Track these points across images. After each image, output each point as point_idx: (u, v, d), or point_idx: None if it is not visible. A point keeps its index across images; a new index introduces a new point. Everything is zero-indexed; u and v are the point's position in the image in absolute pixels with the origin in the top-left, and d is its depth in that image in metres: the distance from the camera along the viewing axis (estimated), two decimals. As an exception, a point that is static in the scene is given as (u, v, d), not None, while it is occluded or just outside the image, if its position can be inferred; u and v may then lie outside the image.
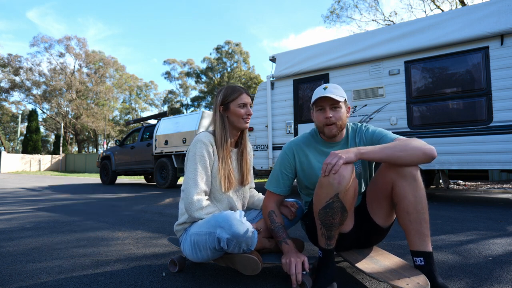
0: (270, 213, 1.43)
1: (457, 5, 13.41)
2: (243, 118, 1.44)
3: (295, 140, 1.52)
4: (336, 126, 1.37)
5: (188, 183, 1.34)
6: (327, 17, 17.40)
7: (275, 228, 1.39)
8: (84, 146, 39.15)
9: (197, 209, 1.31)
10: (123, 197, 5.20)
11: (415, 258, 1.15)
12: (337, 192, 1.12)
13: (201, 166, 1.36)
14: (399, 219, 1.20)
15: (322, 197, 1.16)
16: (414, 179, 1.15)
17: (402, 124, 4.31)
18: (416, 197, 1.14)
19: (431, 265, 1.13)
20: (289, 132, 5.29)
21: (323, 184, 1.15)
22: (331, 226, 1.18)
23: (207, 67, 35.11)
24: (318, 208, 1.19)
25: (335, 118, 1.35)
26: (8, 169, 22.91)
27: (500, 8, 3.72)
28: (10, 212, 3.53)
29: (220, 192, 1.43)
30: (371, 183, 1.36)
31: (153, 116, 8.61)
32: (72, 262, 1.67)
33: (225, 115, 1.46)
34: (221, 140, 1.42)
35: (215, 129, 1.46)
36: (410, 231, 1.16)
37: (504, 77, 3.69)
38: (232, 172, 1.44)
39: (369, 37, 4.65)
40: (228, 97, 1.44)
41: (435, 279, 1.11)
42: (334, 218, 1.16)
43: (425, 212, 1.15)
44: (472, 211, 3.38)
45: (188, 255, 1.35)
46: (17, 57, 29.40)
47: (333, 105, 1.36)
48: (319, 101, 1.38)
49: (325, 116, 1.36)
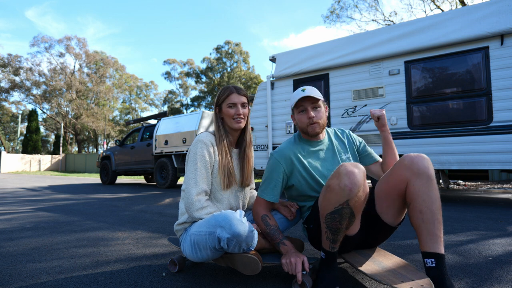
0: (264, 217, 1.41)
1: (457, 5, 13.41)
2: (234, 119, 1.43)
3: (283, 147, 1.50)
4: (319, 124, 1.45)
5: (189, 183, 1.34)
6: (327, 17, 17.43)
7: (270, 231, 1.38)
8: (84, 146, 39.14)
9: (197, 209, 1.31)
10: (123, 197, 5.20)
11: (426, 260, 1.11)
12: (348, 199, 1.09)
13: (201, 166, 1.36)
14: (412, 219, 1.17)
15: (331, 202, 1.13)
16: (430, 178, 1.14)
17: (402, 124, 4.31)
18: (431, 196, 1.13)
19: (442, 267, 1.08)
20: (289, 132, 5.29)
21: (333, 189, 1.12)
22: (338, 231, 1.16)
23: (207, 67, 35.12)
24: (325, 212, 1.16)
25: (317, 117, 1.44)
26: (8, 169, 22.91)
27: (500, 8, 3.72)
28: (10, 212, 3.53)
29: (220, 191, 1.43)
30: (382, 182, 1.33)
31: (153, 116, 8.61)
32: (72, 262, 1.67)
33: (219, 116, 1.49)
34: (219, 140, 1.44)
35: (214, 129, 1.49)
36: (422, 231, 1.13)
37: (504, 77, 3.70)
38: (232, 170, 1.44)
39: (369, 37, 4.65)
40: (220, 98, 1.47)
41: (444, 283, 1.06)
42: (341, 223, 1.14)
43: (439, 213, 1.13)
44: (472, 211, 3.38)
45: (188, 255, 1.35)
46: (17, 57, 29.41)
47: (313, 105, 1.44)
48: (300, 102, 1.45)
49: (308, 116, 1.43)
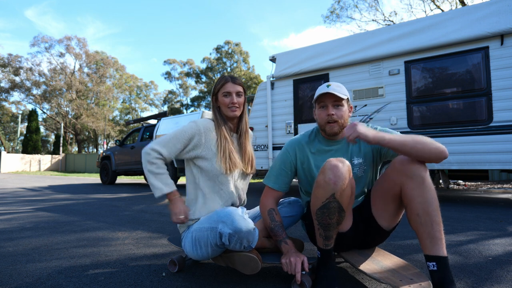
0: (270, 211, 1.41)
1: (457, 5, 13.41)
2: (229, 107, 1.45)
3: (297, 138, 1.51)
4: (338, 124, 1.36)
5: (158, 140, 1.37)
6: (327, 17, 17.44)
7: (274, 227, 1.37)
8: (84, 146, 39.13)
9: (148, 161, 1.32)
10: (123, 197, 5.20)
11: (428, 263, 1.10)
12: (333, 192, 1.11)
13: (175, 137, 1.37)
14: (410, 222, 1.17)
15: (318, 197, 1.16)
16: (423, 180, 1.13)
17: (402, 124, 4.31)
18: (426, 198, 1.11)
19: (445, 271, 1.06)
20: (289, 132, 5.29)
21: (320, 184, 1.14)
22: (329, 226, 1.17)
23: (207, 67, 35.12)
24: (315, 208, 1.18)
25: (337, 116, 1.35)
26: (8, 169, 22.90)
27: (500, 8, 3.72)
28: (10, 212, 3.53)
29: (223, 174, 1.41)
30: (377, 184, 1.33)
31: (153, 116, 8.61)
32: (72, 262, 1.67)
33: (216, 105, 1.51)
34: (218, 126, 1.47)
35: (213, 118, 1.52)
36: (422, 234, 1.12)
37: (504, 77, 3.69)
38: (233, 154, 1.44)
39: (369, 37, 4.65)
40: (216, 87, 1.49)
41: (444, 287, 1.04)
42: (331, 218, 1.15)
43: (436, 214, 1.11)
44: (472, 211, 3.38)
45: (188, 252, 1.35)
46: (18, 57, 29.40)
47: (335, 102, 1.36)
48: (322, 98, 1.38)
49: (327, 113, 1.36)
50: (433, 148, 1.14)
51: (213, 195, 1.42)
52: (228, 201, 1.45)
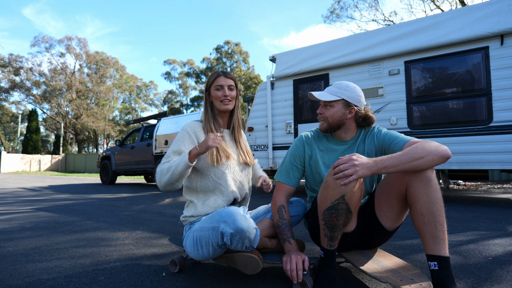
0: (280, 207, 1.41)
1: (457, 5, 13.41)
2: (222, 101, 1.48)
3: (307, 134, 1.55)
4: (326, 122, 1.44)
5: (162, 160, 1.42)
6: (327, 17, 17.48)
7: (282, 224, 1.37)
8: (84, 146, 39.14)
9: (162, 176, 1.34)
10: (123, 197, 5.20)
11: (429, 263, 1.10)
12: (343, 194, 1.10)
13: (176, 151, 1.42)
14: (414, 221, 1.17)
15: (327, 198, 1.14)
16: (429, 179, 1.12)
17: (402, 124, 4.31)
18: (431, 198, 1.11)
19: (446, 271, 1.06)
20: (289, 132, 5.29)
21: (330, 185, 1.13)
22: (335, 227, 1.17)
23: (206, 67, 35.14)
24: (322, 209, 1.17)
25: (326, 115, 1.44)
26: (8, 169, 22.90)
27: (500, 8, 3.72)
28: (10, 212, 3.53)
29: (216, 167, 1.42)
30: (382, 184, 1.33)
31: (153, 116, 8.61)
32: (72, 262, 1.67)
33: (209, 99, 1.54)
34: (206, 122, 1.50)
35: (203, 114, 1.55)
36: (425, 234, 1.12)
37: (504, 77, 3.70)
38: (221, 147, 1.45)
39: (369, 37, 4.65)
40: (208, 82, 1.53)
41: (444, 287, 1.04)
42: (338, 219, 1.14)
43: (440, 215, 1.11)
44: (472, 211, 3.38)
45: (189, 252, 1.35)
46: (18, 57, 29.41)
47: (325, 102, 1.44)
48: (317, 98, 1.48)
49: (318, 111, 1.48)
50: (432, 158, 1.09)
51: (212, 192, 1.43)
52: (229, 196, 1.43)
